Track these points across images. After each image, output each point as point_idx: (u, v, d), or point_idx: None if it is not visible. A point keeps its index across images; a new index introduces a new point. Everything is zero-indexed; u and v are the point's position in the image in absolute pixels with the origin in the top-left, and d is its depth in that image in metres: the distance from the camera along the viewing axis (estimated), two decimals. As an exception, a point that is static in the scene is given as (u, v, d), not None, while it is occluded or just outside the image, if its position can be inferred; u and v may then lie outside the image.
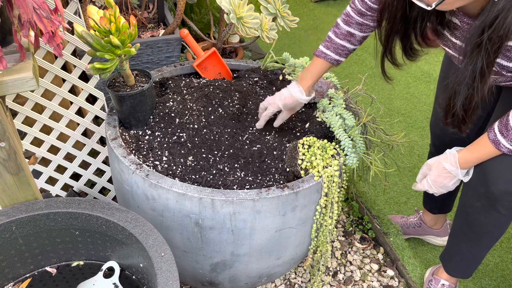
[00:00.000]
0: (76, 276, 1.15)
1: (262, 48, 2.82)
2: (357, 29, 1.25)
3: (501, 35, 0.82)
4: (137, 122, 1.33)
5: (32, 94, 1.37)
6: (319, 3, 3.64)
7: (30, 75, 0.92)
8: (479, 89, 0.92)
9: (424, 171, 1.26)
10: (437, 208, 1.64)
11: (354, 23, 1.24)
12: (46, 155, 1.51)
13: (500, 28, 0.81)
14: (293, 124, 1.43)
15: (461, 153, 1.15)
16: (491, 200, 1.14)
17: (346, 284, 1.59)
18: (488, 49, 0.85)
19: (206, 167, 1.23)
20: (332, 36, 1.29)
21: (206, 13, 2.39)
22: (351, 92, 1.50)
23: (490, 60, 0.87)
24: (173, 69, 1.60)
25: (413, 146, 2.20)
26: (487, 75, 0.90)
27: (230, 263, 1.28)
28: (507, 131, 1.03)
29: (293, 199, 1.17)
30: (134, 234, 1.02)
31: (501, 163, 1.09)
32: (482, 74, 0.89)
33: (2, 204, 1.09)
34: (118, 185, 1.30)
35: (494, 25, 0.81)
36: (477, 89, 0.92)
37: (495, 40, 0.83)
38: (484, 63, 0.87)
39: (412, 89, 2.64)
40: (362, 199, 1.87)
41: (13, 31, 0.89)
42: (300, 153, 1.27)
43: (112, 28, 1.11)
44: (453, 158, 1.16)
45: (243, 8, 1.65)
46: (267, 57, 1.64)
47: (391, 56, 1.13)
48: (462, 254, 1.34)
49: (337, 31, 1.28)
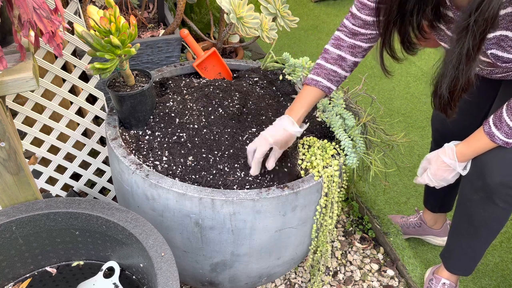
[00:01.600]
0: (76, 276, 1.15)
1: (262, 48, 2.82)
2: (349, 52, 1.21)
3: (486, 17, 0.84)
4: (137, 122, 1.33)
5: (32, 94, 1.37)
6: (319, 3, 3.64)
7: (30, 75, 0.92)
8: (464, 72, 0.93)
9: (424, 165, 1.29)
10: (438, 206, 1.64)
11: (345, 46, 1.21)
12: (46, 155, 1.51)
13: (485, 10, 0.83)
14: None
15: (458, 147, 1.18)
16: (487, 193, 1.16)
17: (346, 284, 1.59)
18: (475, 31, 0.86)
19: (206, 167, 1.23)
20: (322, 62, 1.24)
21: (206, 13, 2.39)
22: (351, 92, 1.50)
23: (476, 43, 0.88)
24: (173, 69, 1.60)
25: (413, 146, 2.20)
26: (472, 59, 0.91)
27: (230, 263, 1.28)
28: (500, 123, 1.06)
29: (293, 199, 1.17)
30: (134, 234, 1.02)
31: (496, 155, 1.12)
32: (468, 57, 0.91)
33: (2, 204, 1.09)
34: (118, 185, 1.30)
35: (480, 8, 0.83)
36: (462, 72, 0.93)
37: (480, 23, 0.85)
38: (471, 45, 0.88)
39: (412, 89, 2.64)
40: (362, 199, 1.87)
41: (13, 31, 0.89)
42: (300, 153, 1.27)
43: (112, 28, 1.11)
44: (450, 151, 1.19)
45: (243, 8, 1.65)
46: (267, 57, 1.64)
47: (390, 49, 1.13)
48: (462, 249, 1.35)
49: (327, 57, 1.23)
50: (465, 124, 1.33)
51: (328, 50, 1.24)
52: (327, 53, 1.24)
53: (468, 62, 0.91)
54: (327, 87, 1.24)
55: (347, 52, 1.21)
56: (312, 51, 2.98)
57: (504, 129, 1.06)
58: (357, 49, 1.21)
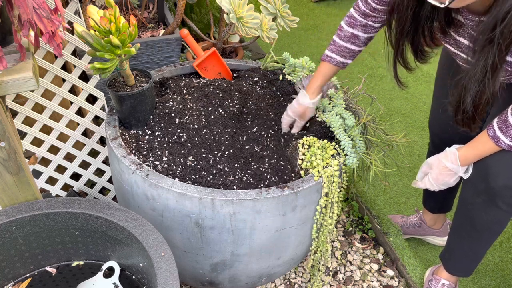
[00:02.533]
0: (76, 276, 1.15)
1: (262, 48, 2.82)
2: (361, 30, 1.25)
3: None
4: (137, 122, 1.33)
5: (32, 94, 1.37)
6: (319, 3, 3.64)
7: (30, 75, 0.92)
8: (490, 85, 0.92)
9: (424, 169, 1.27)
10: (437, 207, 1.64)
11: (357, 25, 1.25)
12: (46, 155, 1.51)
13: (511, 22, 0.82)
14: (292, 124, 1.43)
15: (461, 151, 1.16)
16: (491, 196, 1.15)
17: (346, 284, 1.59)
18: (500, 43, 0.85)
19: (206, 167, 1.23)
20: (336, 39, 1.30)
21: (206, 13, 2.39)
22: (351, 92, 1.50)
23: (502, 55, 0.88)
24: (173, 69, 1.60)
25: (413, 146, 2.20)
26: (498, 70, 0.90)
27: (230, 263, 1.28)
28: (506, 127, 1.04)
29: (293, 199, 1.17)
30: (134, 234, 1.02)
31: (501, 158, 1.10)
32: (493, 69, 0.90)
33: (2, 204, 1.09)
34: (118, 185, 1.30)
35: (506, 19, 0.82)
36: (488, 85, 0.92)
37: (506, 35, 0.84)
38: (496, 58, 0.88)
39: (412, 89, 2.64)
40: (362, 199, 1.87)
41: (13, 31, 0.89)
42: (300, 153, 1.27)
43: (112, 28, 1.11)
44: (453, 156, 1.17)
45: (243, 8, 1.65)
46: (267, 57, 1.64)
47: (403, 59, 1.14)
48: (463, 251, 1.35)
49: (341, 34, 1.28)
50: None
51: (342, 27, 1.28)
52: (341, 30, 1.28)
53: (494, 74, 0.90)
54: (341, 62, 1.31)
55: (360, 30, 1.25)
56: (312, 51, 2.98)
57: (510, 133, 1.04)
58: (369, 28, 1.25)
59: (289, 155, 1.30)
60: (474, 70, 0.92)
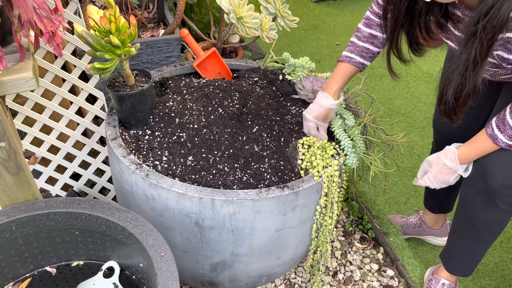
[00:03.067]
0: (76, 276, 1.15)
1: (262, 48, 2.82)
2: (379, 30, 1.25)
3: (494, 25, 0.83)
4: (137, 122, 1.33)
5: (32, 94, 1.37)
6: (319, 3, 3.64)
7: (30, 75, 0.92)
8: (471, 78, 0.93)
9: (424, 167, 1.28)
10: (437, 207, 1.64)
11: (375, 25, 1.25)
12: (46, 155, 1.51)
13: (494, 18, 0.82)
14: (293, 124, 1.43)
15: (460, 149, 1.17)
16: (490, 195, 1.15)
17: (346, 284, 1.59)
18: (482, 38, 0.86)
19: (206, 167, 1.23)
20: (354, 40, 1.29)
21: (206, 13, 2.39)
22: (351, 92, 1.51)
23: (484, 50, 0.88)
24: (173, 69, 1.60)
25: (413, 146, 2.20)
26: (479, 65, 0.91)
27: (230, 263, 1.28)
28: (504, 126, 1.05)
29: (293, 199, 1.17)
30: (134, 234, 1.02)
31: (499, 157, 1.11)
32: (475, 63, 0.90)
33: (2, 204, 1.09)
34: (118, 185, 1.30)
35: (489, 14, 0.83)
36: (469, 78, 0.93)
37: (489, 30, 0.84)
38: (478, 52, 0.88)
39: (412, 89, 2.64)
40: (362, 199, 1.87)
41: (13, 31, 0.89)
42: (300, 153, 1.27)
43: (112, 28, 1.11)
44: (452, 154, 1.18)
45: (243, 8, 1.65)
46: (267, 57, 1.64)
47: (397, 51, 1.14)
48: (463, 251, 1.35)
49: (359, 35, 1.28)
50: (466, 125, 1.33)
51: (360, 28, 1.28)
52: (359, 31, 1.28)
53: (475, 68, 0.91)
54: (360, 63, 1.29)
55: (378, 30, 1.25)
56: (312, 51, 2.98)
57: (508, 132, 1.05)
58: None
59: (289, 155, 1.30)
60: (457, 62, 0.93)
